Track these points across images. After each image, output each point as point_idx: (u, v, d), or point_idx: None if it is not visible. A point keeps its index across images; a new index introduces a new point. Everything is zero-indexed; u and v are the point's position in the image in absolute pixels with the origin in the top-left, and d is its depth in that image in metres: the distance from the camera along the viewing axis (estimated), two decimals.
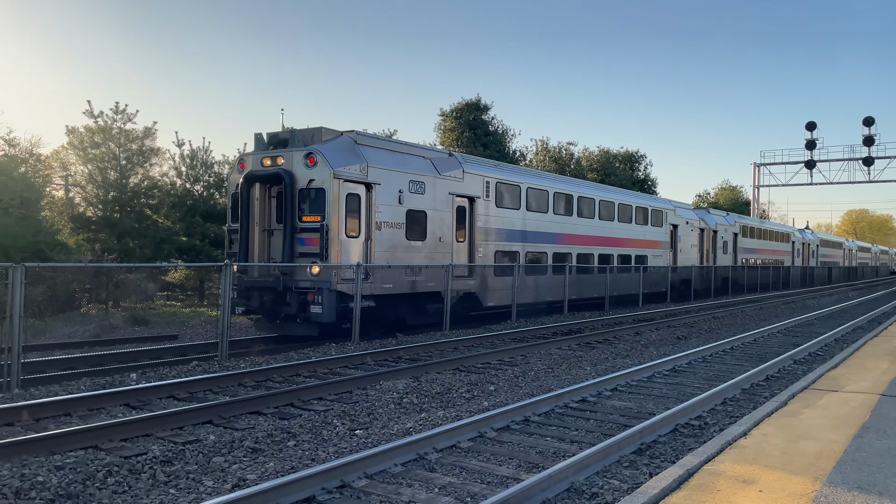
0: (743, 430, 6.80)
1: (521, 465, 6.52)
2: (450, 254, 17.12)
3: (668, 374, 11.66)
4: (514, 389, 10.27)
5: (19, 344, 9.23)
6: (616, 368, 12.22)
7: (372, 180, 14.93)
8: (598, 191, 25.26)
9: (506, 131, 43.80)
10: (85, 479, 5.82)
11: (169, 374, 10.51)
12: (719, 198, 73.05)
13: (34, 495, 5.44)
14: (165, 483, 5.90)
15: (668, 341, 16.51)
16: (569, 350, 14.46)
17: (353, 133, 15.36)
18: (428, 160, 17.00)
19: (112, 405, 8.56)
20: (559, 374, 11.72)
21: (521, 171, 21.99)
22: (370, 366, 11.99)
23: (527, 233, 20.40)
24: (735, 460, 5.83)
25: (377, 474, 6.08)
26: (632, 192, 29.96)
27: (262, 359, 12.11)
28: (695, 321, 21.45)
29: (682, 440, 7.47)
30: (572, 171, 47.72)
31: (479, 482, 6.03)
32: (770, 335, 17.84)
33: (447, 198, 17.14)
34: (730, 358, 13.80)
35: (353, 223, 14.65)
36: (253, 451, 6.85)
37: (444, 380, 10.66)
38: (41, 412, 7.93)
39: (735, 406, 9.24)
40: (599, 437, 7.57)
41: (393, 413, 8.60)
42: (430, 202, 16.65)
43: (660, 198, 32.77)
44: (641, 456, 6.84)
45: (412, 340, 14.88)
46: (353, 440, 7.32)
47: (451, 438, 7.06)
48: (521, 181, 20.43)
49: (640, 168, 54.61)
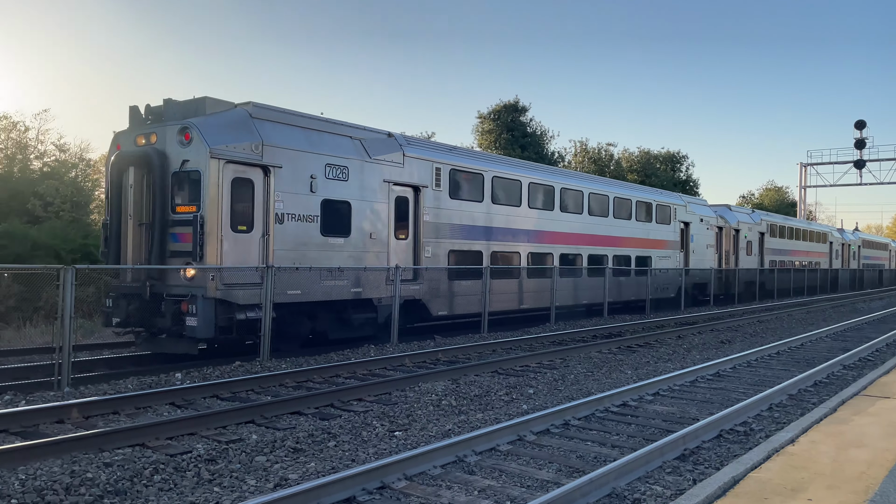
0: (790, 437, 6.63)
1: (562, 470, 6.46)
2: (385, 253, 14.58)
3: (711, 379, 11.43)
4: (554, 393, 10.19)
5: (70, 343, 9.51)
6: (658, 372, 12.03)
7: (270, 162, 12.37)
8: (587, 182, 22.39)
9: (544, 133, 43.69)
10: (132, 476, 5.96)
11: (212, 374, 10.70)
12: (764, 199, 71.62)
13: (84, 491, 5.59)
14: (210, 481, 6.01)
15: (712, 345, 16.19)
16: (609, 353, 14.29)
17: (250, 105, 12.74)
18: (356, 141, 14.30)
19: (158, 404, 8.76)
20: (599, 377, 11.59)
21: (484, 158, 19.05)
22: (409, 367, 12.03)
23: (493, 229, 17.67)
24: (783, 468, 5.68)
25: (417, 476, 6.09)
26: (631, 185, 26.61)
27: (303, 359, 12.25)
28: (739, 325, 21.00)
29: (727, 446, 7.31)
30: (612, 172, 47.27)
31: (518, 486, 5.99)
32: (818, 339, 17.37)
33: (382, 186, 14.50)
34: (776, 362, 13.47)
35: (243, 215, 12.08)
36: (294, 450, 6.93)
37: (482, 382, 10.63)
38: (90, 410, 8.15)
39: (782, 412, 9.01)
40: (641, 441, 7.46)
41: (432, 415, 8.60)
42: (357, 191, 13.98)
43: (668, 192, 29.22)
44: (685, 462, 6.72)
45: (450, 342, 14.89)
46: (393, 441, 7.35)
47: (490, 441, 7.03)
48: (485, 168, 17.65)
49: (682, 169, 53.83)
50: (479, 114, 42.48)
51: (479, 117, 42.43)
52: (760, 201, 71.18)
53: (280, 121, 13.03)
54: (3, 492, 5.45)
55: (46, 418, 7.81)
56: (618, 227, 22.89)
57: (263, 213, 12.37)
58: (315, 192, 13.18)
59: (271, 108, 13.14)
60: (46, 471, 5.97)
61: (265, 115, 12.80)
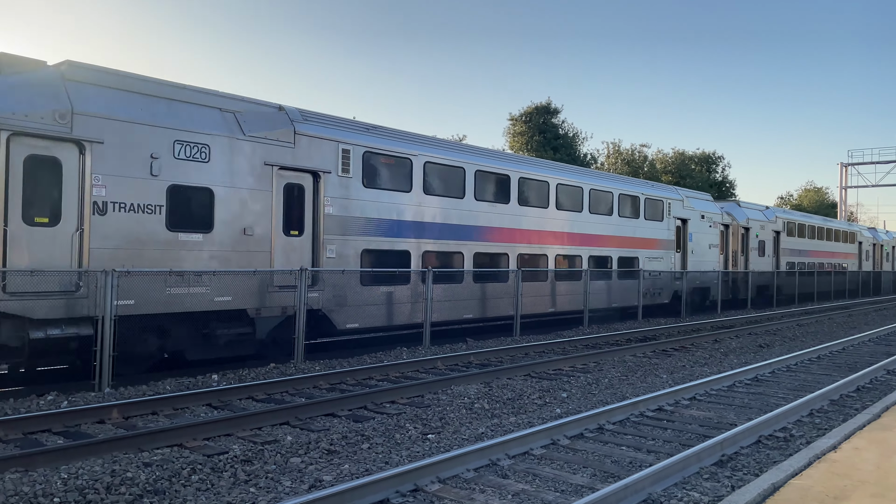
0: (833, 444, 6.48)
1: (596, 475, 6.40)
2: (267, 253, 11.98)
3: (749, 384, 11.22)
4: (588, 397, 10.10)
5: (111, 345, 9.71)
6: (694, 377, 11.86)
7: (85, 136, 9.92)
8: (552, 171, 19.01)
9: (576, 134, 43.41)
10: (171, 476, 6.07)
11: (248, 376, 10.84)
12: (803, 200, 70.25)
13: (124, 490, 5.70)
14: (246, 482, 6.08)
15: (750, 349, 15.90)
16: (644, 357, 14.13)
17: (65, 64, 10.29)
18: (228, 114, 11.73)
19: (195, 405, 8.90)
20: (634, 381, 11.45)
21: (414, 140, 15.41)
22: (441, 370, 12.04)
23: (425, 225, 15.00)
24: (825, 475, 5.55)
25: (450, 479, 6.09)
26: (613, 175, 23.24)
27: (336, 361, 12.34)
28: (778, 328, 20.58)
29: (767, 452, 7.17)
30: (646, 173, 46.77)
31: (552, 490, 5.95)
32: (860, 344, 16.94)
33: (263, 171, 11.93)
34: (816, 367, 13.16)
35: (43, 203, 9.66)
36: (328, 452, 6.98)
37: (515, 386, 10.59)
38: (130, 411, 8.32)
39: (823, 418, 8.80)
40: (678, 447, 7.35)
41: (464, 418, 8.60)
42: (223, 175, 11.46)
43: (662, 184, 25.99)
44: (723, 468, 6.60)
45: (483, 346, 14.85)
46: (426, 444, 7.36)
47: (524, 445, 7.00)
48: (414, 152, 14.77)
49: (718, 170, 53.02)
50: (511, 116, 42.45)
51: (511, 119, 42.38)
52: (799, 202, 69.84)
53: (108, 84, 10.52)
54: (46, 491, 5.59)
55: (88, 419, 7.99)
56: (594, 223, 19.98)
57: (77, 201, 9.93)
58: (158, 176, 10.70)
59: (96, 68, 10.59)
60: (88, 470, 6.11)
61: (85, 76, 10.30)
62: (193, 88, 11.70)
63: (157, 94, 11.05)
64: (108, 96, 10.42)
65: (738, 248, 28.09)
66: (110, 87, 10.55)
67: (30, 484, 5.72)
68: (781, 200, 72.82)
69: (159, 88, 11.15)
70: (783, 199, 73.29)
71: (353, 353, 13.33)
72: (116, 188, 10.28)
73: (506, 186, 17.09)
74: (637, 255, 21.68)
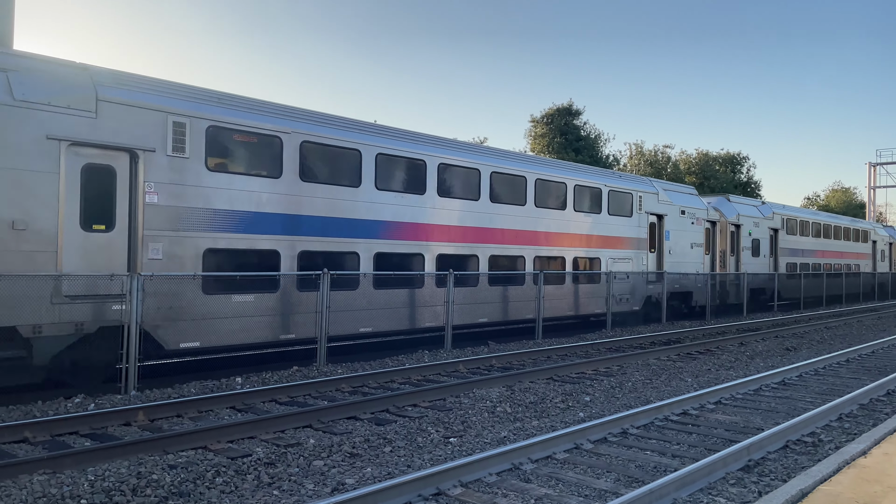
0: (863, 449, 6.36)
1: (620, 479, 6.34)
2: (52, 253, 9.37)
3: (776, 387, 11.05)
4: (611, 401, 10.02)
5: (137, 349, 9.82)
6: (719, 380, 11.71)
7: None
8: (484, 157, 15.94)
9: (598, 136, 43.17)
10: (195, 479, 6.12)
11: (271, 379, 10.91)
12: (830, 200, 69.20)
13: (149, 493, 5.76)
14: (269, 484, 6.11)
15: (776, 352, 15.67)
16: (668, 360, 13.98)
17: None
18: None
19: (219, 407, 8.98)
20: (658, 385, 11.34)
21: (287, 114, 12.47)
22: (463, 373, 12.02)
23: (301, 218, 12.30)
24: (854, 481, 5.44)
25: (472, 483, 6.07)
26: (568, 164, 19.89)
27: (358, 364, 12.36)
28: (805, 331, 20.26)
29: (794, 458, 7.05)
30: (669, 174, 46.37)
31: (576, 495, 5.90)
32: (890, 347, 16.61)
33: (47, 147, 9.33)
34: (845, 371, 12.93)
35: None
36: (351, 455, 6.99)
37: (537, 389, 10.53)
38: (155, 413, 8.41)
39: (853, 422, 8.64)
40: (703, 452, 7.26)
41: (487, 421, 8.57)
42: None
43: (632, 175, 22.98)
44: (749, 473, 6.50)
45: (504, 349, 14.80)
46: (448, 448, 7.34)
47: (547, 449, 6.96)
48: (286, 129, 12.10)
49: (743, 170, 52.39)
50: (532, 118, 42.33)
51: (532, 121, 42.27)
52: (826, 203, 68.79)
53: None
54: (73, 493, 5.67)
55: (114, 421, 8.09)
56: (542, 219, 17.13)
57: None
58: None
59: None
60: (114, 472, 6.18)
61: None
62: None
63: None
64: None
65: (728, 247, 25.45)
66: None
67: (57, 486, 5.80)
68: (808, 201, 71.81)
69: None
70: (810, 199, 72.28)
71: (375, 357, 13.31)
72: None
73: (418, 173, 14.22)
74: (599, 255, 18.89)
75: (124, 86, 10.42)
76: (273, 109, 12.35)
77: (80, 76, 9.95)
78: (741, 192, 47.69)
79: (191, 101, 11.11)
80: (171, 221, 10.66)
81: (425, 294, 14.27)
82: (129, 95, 10.33)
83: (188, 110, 10.92)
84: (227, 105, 11.60)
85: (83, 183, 9.79)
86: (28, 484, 5.80)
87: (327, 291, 12.11)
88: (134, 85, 10.61)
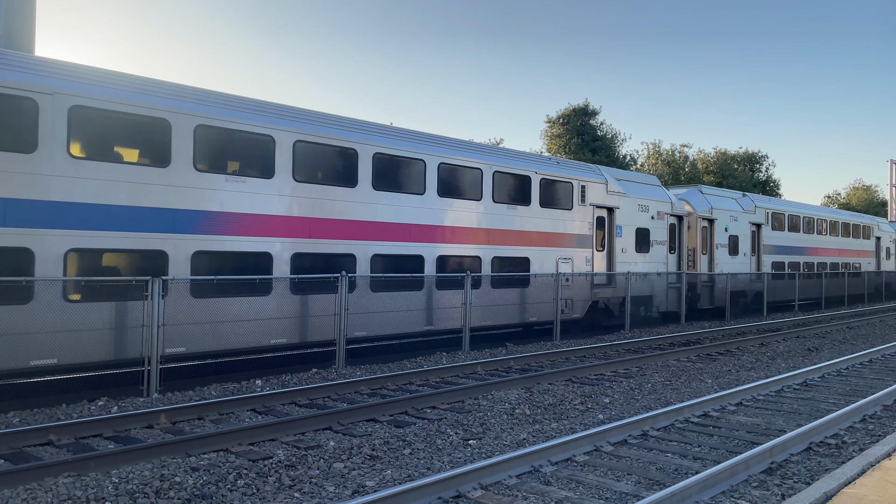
0: (887, 451, 6.28)
1: (641, 482, 6.31)
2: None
3: (798, 389, 10.94)
4: (631, 402, 9.97)
5: (159, 352, 9.94)
6: (740, 381, 11.61)
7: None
8: (366, 136, 13.30)
9: (615, 136, 42.98)
10: (217, 481, 6.17)
11: (290, 381, 10.97)
12: (851, 198, 68.37)
13: (172, 495, 5.82)
14: (290, 487, 6.15)
15: (798, 353, 15.50)
16: (688, 362, 13.88)
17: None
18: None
19: (240, 410, 9.05)
20: (678, 386, 11.26)
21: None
22: (481, 375, 12.02)
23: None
24: (879, 483, 5.37)
25: (492, 485, 6.07)
26: (485, 147, 17.11)
27: (377, 366, 12.40)
28: (827, 331, 20.02)
29: (818, 460, 6.97)
30: (687, 174, 46.04)
31: (596, 497, 5.88)
32: None
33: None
34: (868, 371, 12.77)
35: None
36: (371, 457, 7.02)
37: (556, 391, 10.50)
38: (177, 416, 8.50)
39: (877, 424, 8.53)
40: (725, 454, 7.21)
41: (506, 424, 8.56)
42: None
43: (573, 162, 19.57)
44: (772, 476, 6.44)
45: (522, 350, 14.78)
46: (467, 450, 7.35)
47: (566, 451, 6.94)
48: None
49: (761, 169, 51.91)
50: (548, 118, 42.24)
51: (548, 122, 42.18)
52: (847, 201, 67.94)
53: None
54: (98, 495, 5.74)
55: (137, 423, 8.18)
56: (446, 212, 14.60)
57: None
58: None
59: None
60: (138, 474, 6.26)
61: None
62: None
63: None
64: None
65: (699, 245, 22.60)
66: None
67: (82, 488, 5.88)
68: (828, 199, 70.99)
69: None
70: (830, 197, 71.45)
71: (394, 359, 13.33)
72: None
73: (269, 153, 11.84)
74: (528, 255, 16.27)
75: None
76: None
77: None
78: (760, 191, 47.25)
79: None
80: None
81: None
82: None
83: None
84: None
85: None
86: (53, 486, 5.88)
87: (345, 294, 12.16)
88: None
